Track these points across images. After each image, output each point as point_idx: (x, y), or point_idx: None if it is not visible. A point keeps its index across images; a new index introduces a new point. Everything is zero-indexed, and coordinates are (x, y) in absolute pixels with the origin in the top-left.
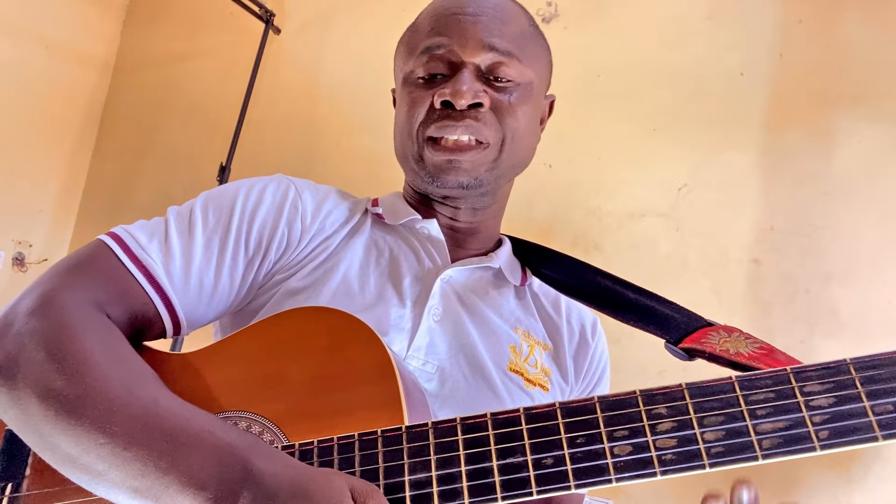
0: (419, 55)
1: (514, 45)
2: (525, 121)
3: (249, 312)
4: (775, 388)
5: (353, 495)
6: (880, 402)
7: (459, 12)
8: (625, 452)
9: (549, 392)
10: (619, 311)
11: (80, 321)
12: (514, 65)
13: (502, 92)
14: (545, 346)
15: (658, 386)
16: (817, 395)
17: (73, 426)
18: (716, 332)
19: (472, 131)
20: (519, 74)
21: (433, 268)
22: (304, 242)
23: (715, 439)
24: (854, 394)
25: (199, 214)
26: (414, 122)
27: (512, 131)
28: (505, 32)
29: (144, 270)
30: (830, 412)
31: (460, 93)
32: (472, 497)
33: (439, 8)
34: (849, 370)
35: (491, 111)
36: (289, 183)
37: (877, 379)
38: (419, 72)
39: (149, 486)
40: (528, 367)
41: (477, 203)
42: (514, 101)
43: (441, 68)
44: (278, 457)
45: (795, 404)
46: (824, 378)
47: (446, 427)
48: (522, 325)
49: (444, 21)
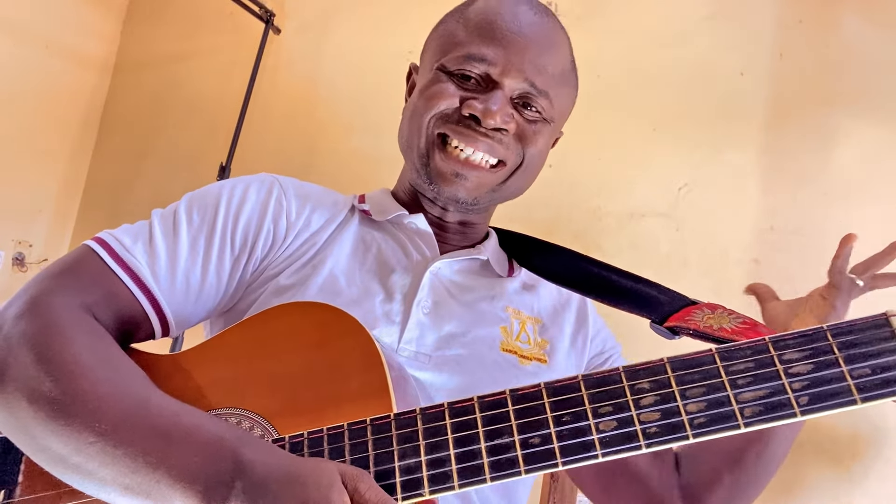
0: (460, 56)
1: (552, 84)
2: (538, 153)
3: (238, 312)
4: (754, 358)
5: (344, 479)
6: (858, 366)
7: (514, 30)
8: (610, 428)
9: (547, 364)
10: (606, 295)
11: (68, 324)
12: (546, 102)
13: (528, 121)
14: (536, 320)
15: (640, 362)
16: (796, 363)
17: (63, 426)
18: (699, 310)
19: (490, 151)
20: (547, 110)
21: (422, 260)
22: (290, 239)
23: (697, 410)
24: (832, 359)
25: (183, 215)
26: (430, 112)
27: (528, 159)
28: (548, 69)
29: (130, 272)
30: (809, 378)
31: (490, 113)
32: (461, 479)
33: (495, 14)
34: (825, 336)
35: (514, 136)
36: (273, 180)
37: (854, 343)
38: (453, 68)
39: (139, 483)
40: (521, 344)
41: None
42: (536, 131)
43: (477, 75)
44: (268, 448)
45: (775, 372)
46: (802, 345)
47: (434, 412)
48: (512, 304)
49: (496, 34)
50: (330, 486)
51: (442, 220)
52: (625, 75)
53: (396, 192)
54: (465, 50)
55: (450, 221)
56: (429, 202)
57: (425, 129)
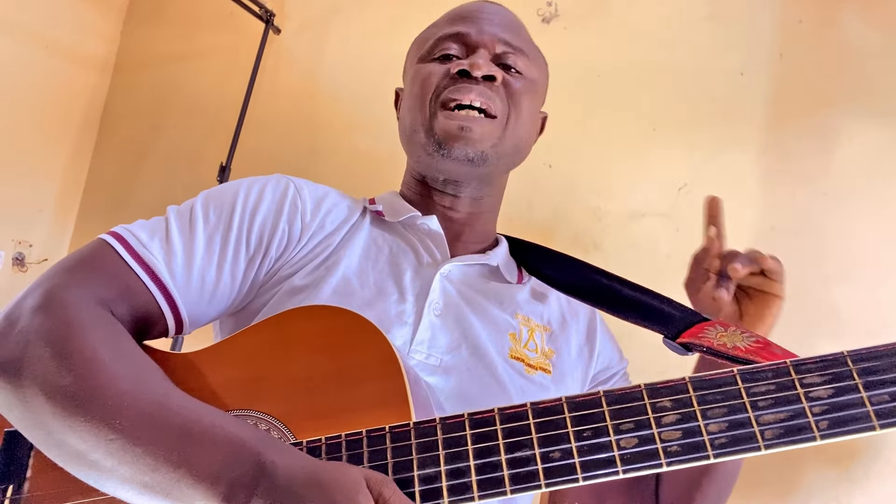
0: (437, 39)
1: (525, 45)
2: (527, 110)
3: (250, 312)
4: (776, 381)
5: (368, 484)
6: (877, 392)
7: (480, 11)
8: (631, 445)
9: (550, 374)
10: (618, 308)
11: (86, 318)
12: (524, 59)
13: (512, 77)
14: (545, 328)
15: (661, 380)
16: (816, 387)
17: (82, 423)
18: (712, 327)
19: (484, 97)
20: (526, 68)
21: (432, 263)
22: (305, 240)
23: (718, 430)
24: (851, 385)
25: (199, 213)
26: (427, 91)
27: (517, 111)
28: (519, 33)
29: (147, 268)
30: (829, 403)
31: (477, 64)
32: (481, 490)
33: (457, 9)
34: (846, 362)
35: (502, 86)
36: (288, 181)
37: (873, 370)
38: (435, 52)
39: (159, 481)
40: (528, 352)
41: (476, 192)
42: (521, 87)
43: (456, 50)
44: (290, 450)
45: (795, 396)
46: (823, 370)
47: (454, 422)
48: (522, 311)
49: (465, 16)
50: (356, 490)
51: (453, 211)
52: (625, 75)
53: (403, 192)
54: (439, 34)
55: (460, 214)
56: (438, 192)
57: (428, 105)
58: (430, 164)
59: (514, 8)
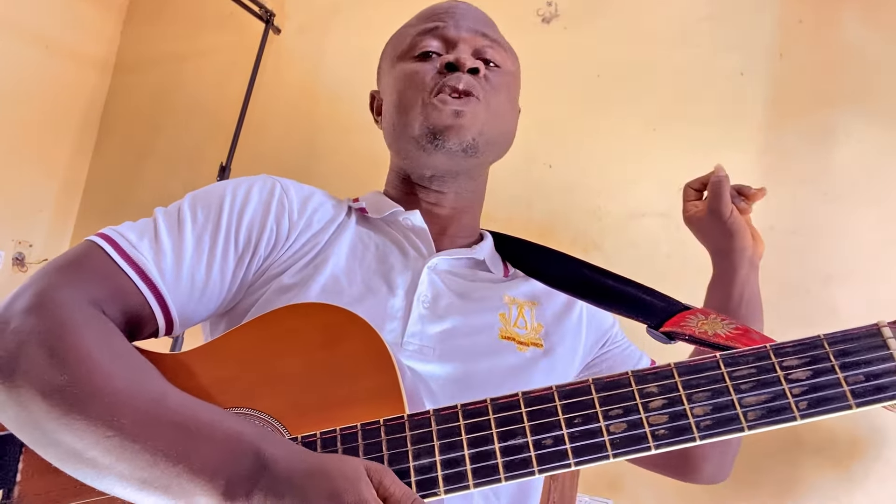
0: (415, 37)
1: (500, 39)
2: (507, 100)
3: (240, 312)
4: (756, 364)
5: (369, 474)
6: (852, 373)
7: (451, 8)
8: (620, 430)
9: (542, 348)
10: (602, 300)
11: (78, 318)
12: (501, 52)
13: (491, 71)
14: (532, 303)
15: (648, 367)
16: (795, 369)
17: (79, 420)
18: (693, 316)
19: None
20: (504, 62)
21: (419, 257)
22: (293, 238)
23: (703, 413)
24: (828, 367)
25: (187, 213)
26: (418, 87)
27: (496, 101)
28: (492, 27)
29: (136, 267)
30: (808, 384)
31: (461, 58)
32: (476, 478)
33: (428, 9)
34: (823, 345)
35: (483, 79)
36: (274, 181)
37: (849, 352)
38: (415, 50)
39: (158, 477)
40: (518, 329)
41: (460, 187)
42: (501, 80)
43: (436, 46)
44: (289, 444)
45: (776, 378)
46: (801, 353)
47: (447, 413)
48: (509, 292)
49: (438, 13)
50: (357, 478)
51: (437, 206)
52: (625, 75)
53: (387, 191)
54: (416, 31)
55: (445, 209)
56: (423, 189)
57: (420, 102)
58: (420, 159)
59: (513, 8)
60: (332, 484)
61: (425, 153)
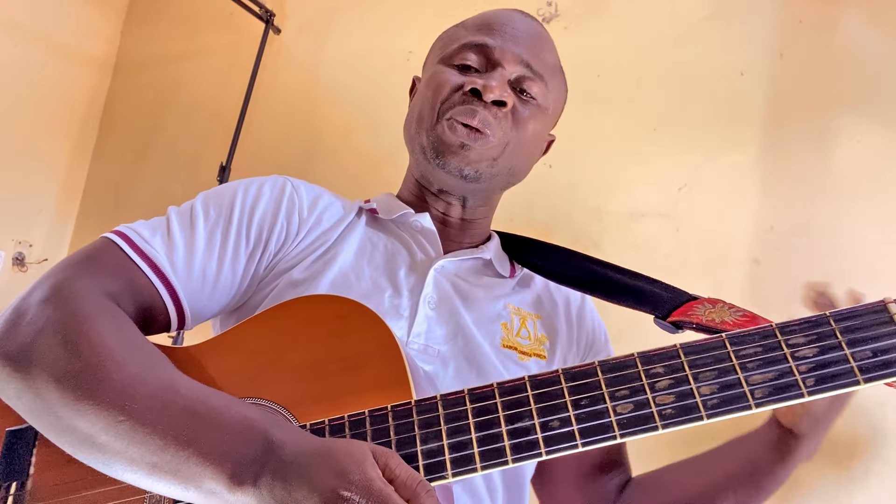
0: (461, 45)
1: (546, 71)
2: (531, 136)
3: (250, 308)
4: (762, 343)
5: (375, 456)
6: (859, 349)
7: (508, 24)
8: (627, 410)
9: (545, 360)
10: (610, 294)
11: (92, 308)
12: (540, 86)
13: (523, 104)
14: (536, 316)
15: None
16: (802, 347)
17: (92, 405)
18: (701, 305)
19: (485, 124)
20: (541, 96)
21: (426, 259)
22: (303, 235)
23: (710, 392)
24: (835, 343)
25: (199, 210)
26: (437, 97)
27: (519, 137)
28: (542, 56)
29: (150, 262)
30: (815, 361)
31: (490, 87)
32: (483, 461)
33: (490, 15)
34: (829, 322)
35: (509, 115)
36: (285, 180)
37: (855, 329)
38: (456, 59)
39: (168, 461)
40: (521, 340)
41: (469, 202)
42: (529, 114)
43: (476, 62)
44: (297, 430)
45: (782, 356)
46: (807, 331)
47: (454, 398)
48: (513, 301)
49: (493, 26)
50: (363, 458)
51: (446, 215)
52: (625, 75)
53: (401, 194)
54: (464, 41)
55: (453, 217)
56: (433, 197)
57: (436, 110)
58: (426, 169)
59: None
60: (339, 464)
61: (430, 165)
